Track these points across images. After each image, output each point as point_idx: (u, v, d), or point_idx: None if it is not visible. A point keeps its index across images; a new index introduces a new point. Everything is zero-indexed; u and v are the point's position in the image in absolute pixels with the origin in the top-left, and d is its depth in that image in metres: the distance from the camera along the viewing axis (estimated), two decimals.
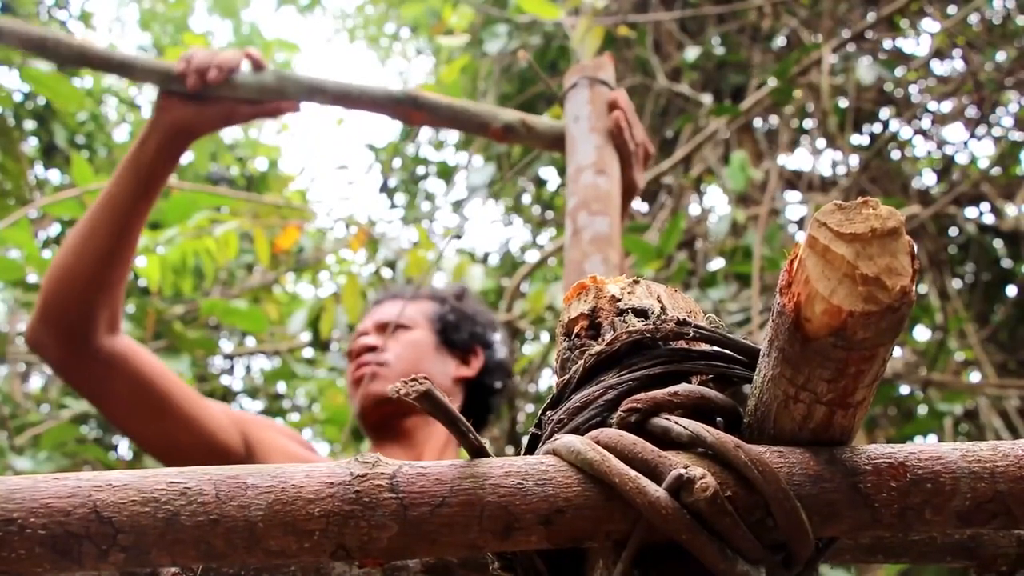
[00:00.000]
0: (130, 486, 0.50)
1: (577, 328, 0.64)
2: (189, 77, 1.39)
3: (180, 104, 1.42)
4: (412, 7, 5.64)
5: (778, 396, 0.53)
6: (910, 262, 0.47)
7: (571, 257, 1.18)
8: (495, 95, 4.69)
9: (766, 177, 3.75)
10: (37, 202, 2.89)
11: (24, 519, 0.49)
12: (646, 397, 0.56)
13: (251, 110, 1.45)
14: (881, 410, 3.59)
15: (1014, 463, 0.52)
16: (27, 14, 4.84)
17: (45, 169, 4.92)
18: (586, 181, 1.26)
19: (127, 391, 1.40)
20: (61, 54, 1.42)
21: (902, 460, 0.52)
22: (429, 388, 0.52)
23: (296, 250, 3.97)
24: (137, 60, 1.44)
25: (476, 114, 1.46)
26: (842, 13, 4.24)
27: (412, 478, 0.52)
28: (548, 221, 5.20)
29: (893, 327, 0.47)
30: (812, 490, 0.52)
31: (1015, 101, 4.07)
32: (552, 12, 3.15)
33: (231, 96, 1.42)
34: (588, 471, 0.52)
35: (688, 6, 4.40)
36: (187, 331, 3.35)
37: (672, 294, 0.65)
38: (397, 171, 5.54)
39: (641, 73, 4.32)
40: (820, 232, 0.47)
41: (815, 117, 4.16)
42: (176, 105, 1.42)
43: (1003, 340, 3.98)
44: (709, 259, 3.80)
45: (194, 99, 1.42)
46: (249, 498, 0.51)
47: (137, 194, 1.40)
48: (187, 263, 2.75)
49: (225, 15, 6.97)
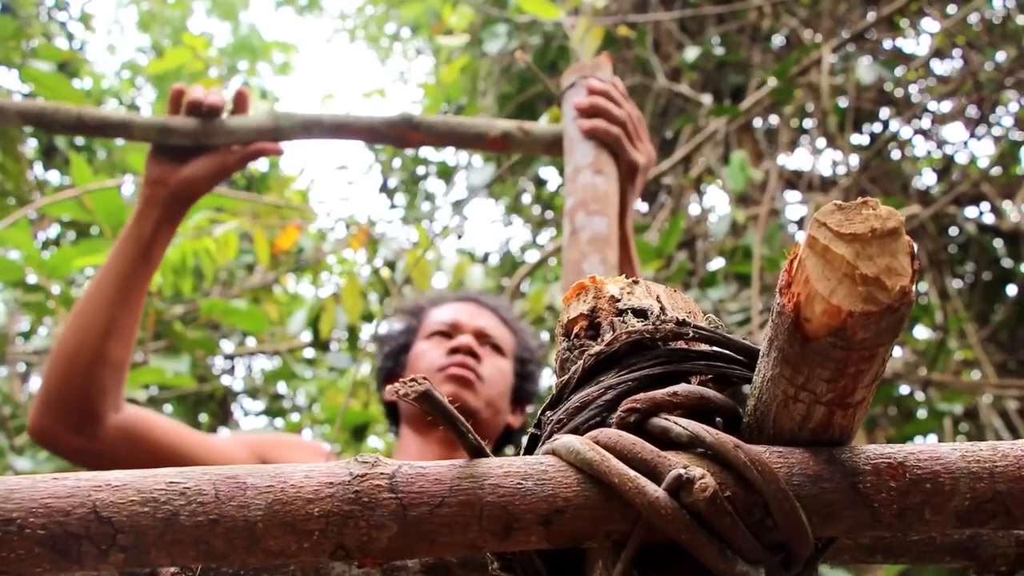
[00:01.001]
0: (129, 486, 0.50)
1: (576, 328, 0.64)
2: (188, 95, 1.38)
3: (171, 170, 1.39)
4: (412, 7, 5.64)
5: (777, 396, 0.53)
6: (910, 262, 0.47)
7: (569, 257, 1.18)
8: (495, 95, 4.70)
9: (766, 177, 3.76)
10: (37, 203, 2.89)
11: (23, 519, 0.49)
12: (645, 397, 0.56)
13: (240, 155, 1.42)
14: (881, 410, 3.59)
15: (1013, 463, 0.52)
16: (27, 15, 4.83)
17: (45, 170, 4.92)
18: (584, 181, 1.26)
19: (142, 459, 1.37)
20: (59, 122, 1.41)
21: (901, 460, 0.52)
22: (428, 388, 0.52)
23: (296, 250, 3.97)
24: (134, 120, 1.42)
25: (472, 127, 1.46)
26: (842, 13, 4.24)
27: (411, 478, 0.52)
28: (548, 221, 5.20)
29: (893, 327, 0.47)
30: (811, 490, 0.52)
31: (1015, 101, 4.07)
32: (552, 12, 3.15)
33: (227, 141, 1.40)
34: (587, 471, 0.52)
35: (688, 6, 4.40)
36: (187, 331, 3.35)
37: (671, 294, 0.65)
38: (397, 171, 5.54)
39: (641, 73, 4.32)
40: (820, 232, 0.47)
41: (815, 117, 4.16)
42: (168, 174, 1.39)
43: (1003, 340, 3.99)
44: (709, 259, 3.81)
45: (183, 158, 1.39)
46: (249, 498, 0.51)
47: (138, 265, 1.37)
48: (187, 263, 2.75)
49: (224, 17, 6.98)
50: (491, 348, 1.67)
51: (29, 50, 3.99)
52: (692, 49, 4.05)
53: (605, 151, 1.30)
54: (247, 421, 4.34)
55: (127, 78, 6.50)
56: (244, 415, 4.38)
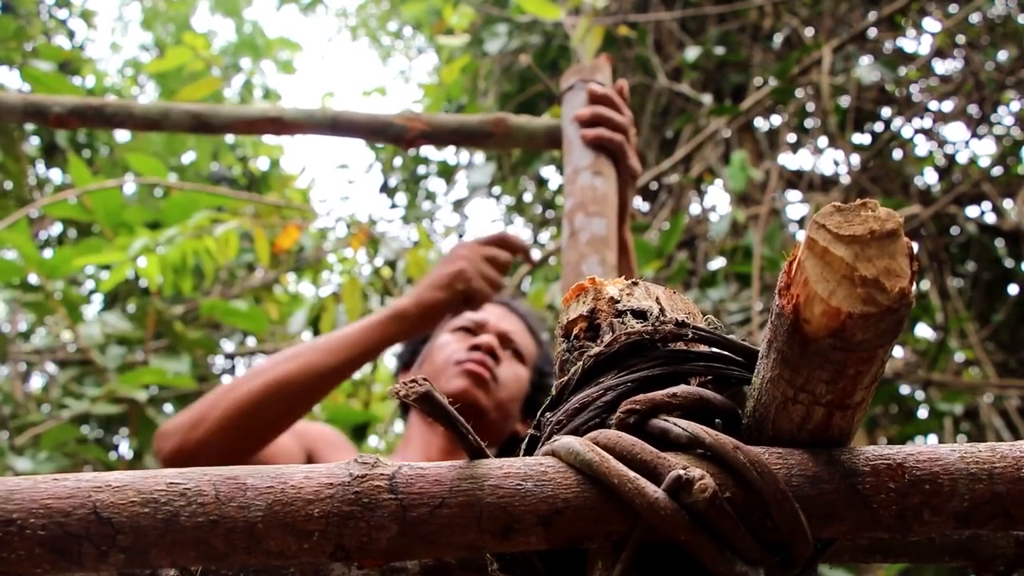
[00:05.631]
0: (130, 487, 0.50)
1: (576, 330, 0.64)
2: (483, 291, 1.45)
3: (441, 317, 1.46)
4: (414, 6, 5.64)
5: (777, 397, 0.53)
6: (909, 264, 0.47)
7: (568, 258, 1.18)
8: (495, 95, 4.70)
9: (766, 177, 3.75)
10: (37, 203, 2.89)
11: (24, 520, 0.49)
12: (645, 398, 0.56)
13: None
14: (881, 410, 3.59)
15: (1012, 464, 0.52)
16: (27, 13, 4.83)
17: (46, 168, 4.91)
18: (583, 183, 1.26)
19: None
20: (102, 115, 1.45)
21: (900, 461, 0.52)
22: (428, 390, 0.52)
23: (296, 250, 3.97)
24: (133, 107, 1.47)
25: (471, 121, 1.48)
26: (843, 12, 4.24)
27: (411, 479, 0.52)
28: (549, 220, 5.20)
29: (892, 329, 0.48)
30: (811, 491, 0.52)
31: (1016, 100, 4.07)
32: (552, 12, 3.15)
33: (224, 132, 1.47)
34: (587, 472, 0.52)
35: (689, 6, 4.40)
36: (187, 331, 3.35)
37: (671, 295, 0.65)
38: (397, 170, 5.54)
39: (641, 73, 4.32)
40: (819, 234, 0.47)
41: (816, 117, 4.16)
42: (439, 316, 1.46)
43: (1004, 340, 3.98)
44: (709, 259, 3.80)
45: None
46: (249, 499, 0.51)
47: (349, 370, 1.41)
48: (187, 263, 2.75)
49: (227, 14, 6.98)
50: (512, 353, 1.66)
51: (30, 50, 3.99)
52: (693, 49, 4.04)
53: (604, 155, 1.31)
54: None
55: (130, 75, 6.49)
56: None
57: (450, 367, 1.57)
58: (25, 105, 1.44)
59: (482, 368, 1.56)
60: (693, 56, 4.00)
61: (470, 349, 1.60)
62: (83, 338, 3.19)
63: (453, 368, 1.57)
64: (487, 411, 1.56)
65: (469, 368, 1.56)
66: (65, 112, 1.42)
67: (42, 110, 1.43)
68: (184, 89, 2.79)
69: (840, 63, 3.85)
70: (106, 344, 3.18)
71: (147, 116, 1.44)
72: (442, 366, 1.58)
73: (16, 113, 1.44)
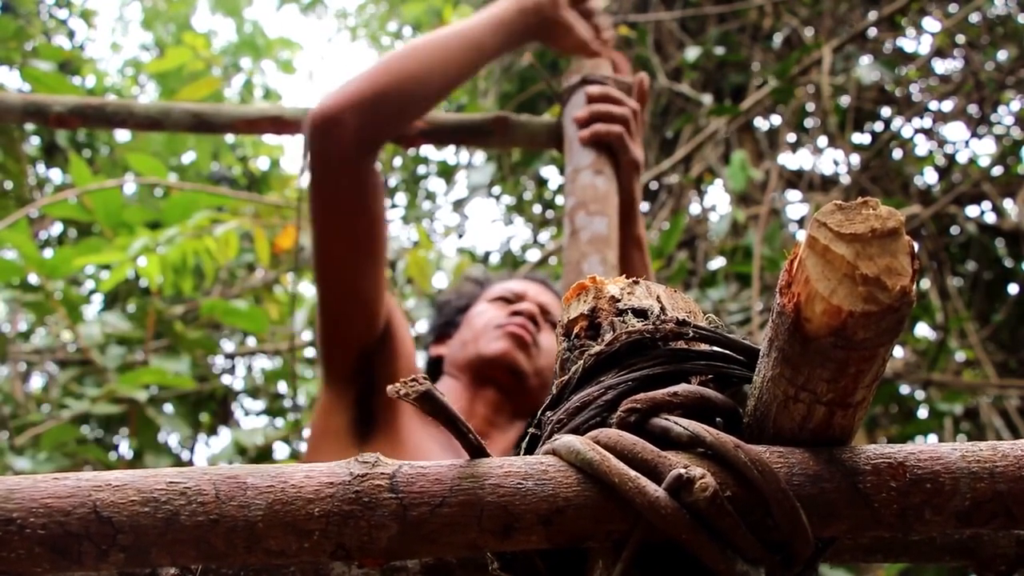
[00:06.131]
0: (130, 486, 0.50)
1: (577, 328, 0.64)
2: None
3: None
4: (413, 6, 5.64)
5: (778, 396, 0.53)
6: (910, 262, 0.47)
7: (569, 257, 1.18)
8: (495, 94, 4.69)
9: (766, 177, 3.75)
10: (37, 202, 2.89)
11: (24, 519, 0.49)
12: (645, 397, 0.56)
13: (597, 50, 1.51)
14: (881, 409, 3.59)
15: (1013, 463, 0.52)
16: (27, 12, 4.83)
17: (47, 168, 4.91)
18: (584, 181, 1.26)
19: (358, 226, 1.38)
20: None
21: (902, 460, 0.52)
22: (428, 388, 0.52)
23: (297, 249, 3.97)
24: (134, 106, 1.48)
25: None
26: (843, 12, 4.24)
27: (412, 478, 0.52)
28: (549, 220, 5.20)
29: (893, 327, 0.47)
30: (812, 490, 0.52)
31: (1016, 100, 4.07)
32: None
33: (225, 131, 1.46)
34: (588, 471, 0.52)
35: (689, 6, 4.40)
36: (187, 331, 3.35)
37: (671, 294, 0.65)
38: (397, 170, 5.54)
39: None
40: (820, 232, 0.47)
41: (816, 116, 4.16)
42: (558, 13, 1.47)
43: (1004, 339, 3.98)
44: (709, 259, 3.81)
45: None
46: (249, 498, 0.51)
47: (502, 49, 1.45)
48: (187, 263, 2.75)
49: (227, 14, 6.97)
50: (551, 327, 1.63)
51: (30, 49, 3.99)
52: (693, 49, 4.05)
53: (604, 153, 1.31)
54: (247, 421, 4.34)
55: (130, 75, 6.49)
56: (244, 415, 4.38)
57: (490, 330, 1.55)
58: (25, 105, 1.44)
59: (524, 331, 1.54)
60: (693, 56, 4.00)
61: (511, 315, 1.58)
62: (83, 338, 3.19)
63: (494, 331, 1.55)
64: (527, 376, 1.53)
65: (511, 330, 1.54)
66: (65, 112, 1.42)
67: (42, 110, 1.43)
68: (184, 89, 2.80)
69: (840, 63, 3.85)
70: (106, 344, 3.18)
71: (147, 116, 1.44)
72: (482, 330, 1.56)
73: (16, 113, 1.44)
